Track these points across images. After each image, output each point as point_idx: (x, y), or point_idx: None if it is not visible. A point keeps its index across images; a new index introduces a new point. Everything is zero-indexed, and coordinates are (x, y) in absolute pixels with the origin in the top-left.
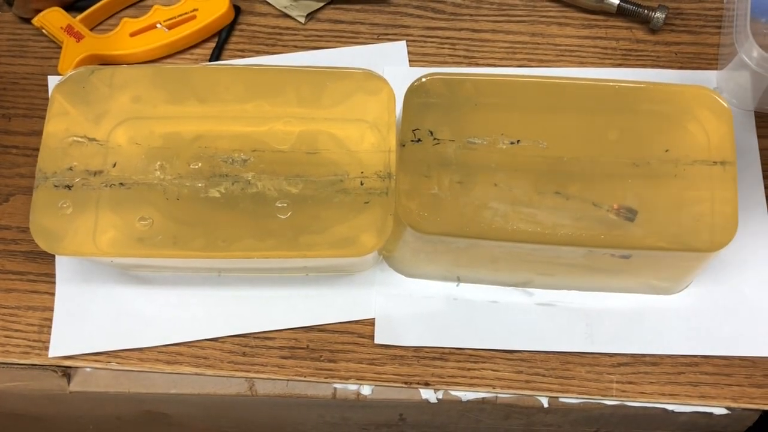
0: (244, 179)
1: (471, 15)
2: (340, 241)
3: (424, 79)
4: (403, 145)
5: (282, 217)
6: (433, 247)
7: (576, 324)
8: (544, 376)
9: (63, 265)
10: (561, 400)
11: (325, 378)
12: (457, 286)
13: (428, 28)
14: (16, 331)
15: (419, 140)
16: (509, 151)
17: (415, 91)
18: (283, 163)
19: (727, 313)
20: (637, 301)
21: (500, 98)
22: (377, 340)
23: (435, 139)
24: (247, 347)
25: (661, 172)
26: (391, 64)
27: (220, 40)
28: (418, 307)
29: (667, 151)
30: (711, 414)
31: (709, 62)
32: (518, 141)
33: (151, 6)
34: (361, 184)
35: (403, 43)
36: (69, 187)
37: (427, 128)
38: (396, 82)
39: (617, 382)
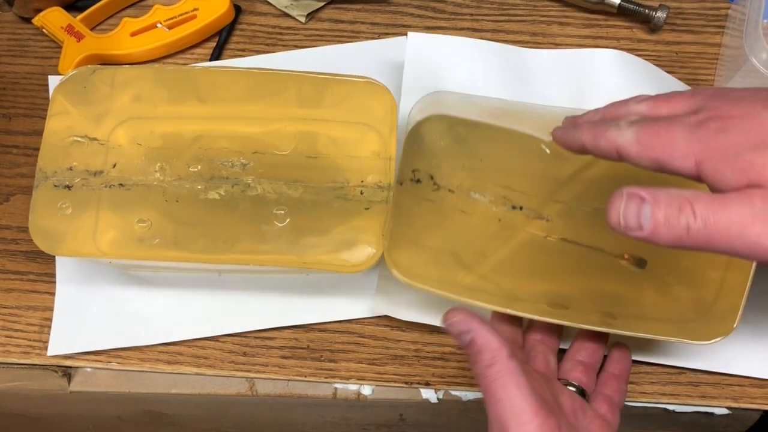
0: (244, 182)
1: (472, 14)
2: (340, 246)
3: (430, 118)
4: (401, 183)
5: (279, 225)
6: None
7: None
8: None
9: (63, 265)
10: None
11: (326, 378)
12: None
13: (429, 28)
14: (17, 330)
15: (419, 181)
16: (509, 215)
17: (419, 129)
18: (283, 167)
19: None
20: None
21: (510, 151)
22: (374, 312)
23: (435, 184)
24: (248, 347)
25: None
26: (392, 62)
27: (220, 40)
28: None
29: None
30: (712, 414)
31: (710, 62)
32: (521, 208)
33: (152, 6)
34: (361, 193)
35: (404, 39)
36: (69, 187)
37: (428, 171)
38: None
39: None
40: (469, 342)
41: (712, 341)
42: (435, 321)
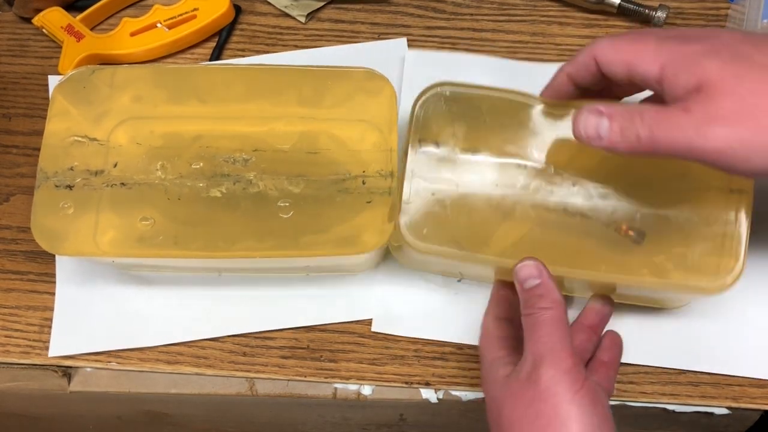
0: (246, 179)
1: (472, 14)
2: (342, 240)
3: (438, 89)
4: (409, 152)
5: (284, 216)
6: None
7: None
8: None
9: (63, 265)
10: None
11: (326, 378)
12: (459, 281)
13: (429, 28)
14: (17, 330)
15: (425, 150)
16: (516, 171)
17: (426, 99)
18: (285, 163)
19: (728, 333)
20: (638, 313)
21: (512, 118)
22: (374, 328)
23: (441, 151)
24: (248, 347)
25: (675, 197)
26: (392, 63)
27: (220, 40)
28: (418, 298)
29: (683, 174)
30: (712, 414)
31: None
32: (525, 167)
33: (152, 5)
34: (363, 183)
35: (404, 40)
36: (70, 187)
37: (435, 139)
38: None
39: (618, 381)
40: (535, 286)
41: (724, 282)
42: (433, 335)
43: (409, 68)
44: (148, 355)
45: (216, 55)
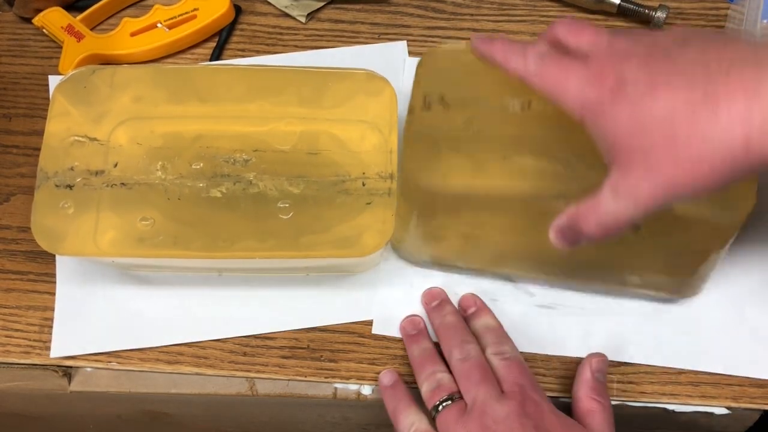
0: (246, 179)
1: (471, 15)
2: (342, 241)
3: (435, 50)
4: (413, 112)
5: (284, 217)
6: (438, 232)
7: (574, 330)
8: (544, 375)
9: (64, 265)
10: (561, 400)
11: (326, 378)
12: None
13: (429, 28)
14: (17, 330)
15: (429, 106)
16: (520, 115)
17: (428, 59)
18: (285, 164)
19: (728, 333)
20: (638, 313)
21: None
22: (375, 331)
23: (445, 103)
24: (248, 347)
25: None
26: (392, 64)
27: (220, 40)
28: (419, 299)
29: None
30: (712, 414)
31: None
32: (529, 104)
33: (152, 6)
34: (363, 184)
35: (404, 43)
36: (70, 187)
37: (438, 95)
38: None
39: (618, 381)
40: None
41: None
42: (434, 335)
43: (409, 73)
44: (148, 355)
45: (216, 55)
